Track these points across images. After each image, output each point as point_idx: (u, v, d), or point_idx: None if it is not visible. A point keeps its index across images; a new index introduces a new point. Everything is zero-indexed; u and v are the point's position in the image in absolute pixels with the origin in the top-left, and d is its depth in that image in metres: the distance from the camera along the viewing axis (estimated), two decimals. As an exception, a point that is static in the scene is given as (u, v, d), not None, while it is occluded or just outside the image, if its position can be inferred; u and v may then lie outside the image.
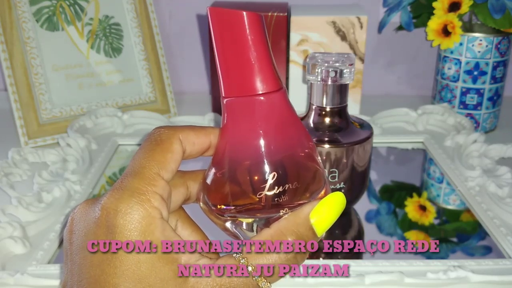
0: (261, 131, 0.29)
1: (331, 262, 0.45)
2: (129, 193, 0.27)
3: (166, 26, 0.89)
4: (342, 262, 0.45)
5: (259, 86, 0.29)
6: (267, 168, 0.29)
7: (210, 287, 0.27)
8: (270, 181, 0.29)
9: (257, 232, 0.31)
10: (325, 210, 0.29)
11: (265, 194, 0.29)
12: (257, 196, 0.29)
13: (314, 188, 0.31)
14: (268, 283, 0.28)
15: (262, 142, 0.29)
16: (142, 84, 0.79)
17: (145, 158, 0.29)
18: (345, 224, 0.54)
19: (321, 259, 0.49)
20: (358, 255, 0.51)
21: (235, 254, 0.28)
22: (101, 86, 0.76)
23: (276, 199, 0.29)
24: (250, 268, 0.27)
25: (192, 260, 0.28)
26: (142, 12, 0.78)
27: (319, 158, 0.31)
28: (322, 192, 0.31)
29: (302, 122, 0.31)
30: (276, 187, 0.29)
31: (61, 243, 0.49)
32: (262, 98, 0.29)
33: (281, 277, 0.28)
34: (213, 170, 0.31)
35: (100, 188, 0.60)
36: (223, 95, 0.30)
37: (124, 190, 0.27)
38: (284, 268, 0.28)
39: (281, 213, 0.30)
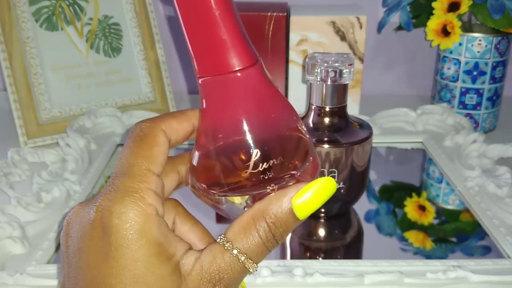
0: (240, 108, 0.29)
1: (331, 262, 0.45)
2: (122, 193, 0.27)
3: (166, 26, 0.89)
4: (342, 261, 0.45)
5: (234, 63, 0.28)
6: (250, 145, 0.29)
7: (199, 276, 0.27)
8: (254, 158, 0.29)
9: (246, 204, 0.31)
10: (309, 195, 0.28)
11: (251, 172, 0.29)
12: (243, 174, 0.29)
13: (300, 158, 0.30)
14: (255, 264, 0.28)
15: (243, 119, 0.29)
16: (142, 84, 0.78)
17: (132, 156, 0.28)
18: (344, 224, 0.54)
19: (320, 258, 0.49)
20: (357, 255, 0.51)
21: (219, 239, 0.28)
22: (101, 86, 0.76)
23: (262, 176, 0.29)
24: (235, 251, 0.28)
25: (183, 253, 0.28)
26: (142, 12, 0.78)
27: (304, 128, 0.31)
28: (310, 162, 0.30)
29: (283, 95, 0.31)
30: (261, 164, 0.29)
31: (58, 245, 0.49)
32: (238, 74, 0.28)
33: (265, 256, 0.29)
34: (197, 153, 0.31)
35: (99, 188, 0.60)
36: (198, 75, 0.29)
37: (117, 191, 0.27)
38: (266, 248, 0.28)
39: (268, 190, 0.29)
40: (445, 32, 0.71)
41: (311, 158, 0.30)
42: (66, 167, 0.60)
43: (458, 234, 0.53)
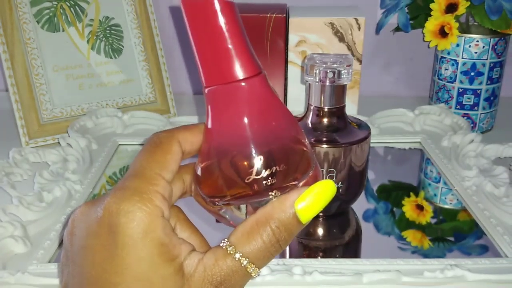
0: (245, 117, 0.29)
1: (330, 261, 0.46)
2: (130, 193, 0.27)
3: (166, 27, 0.89)
4: (340, 260, 0.46)
5: (239, 72, 0.29)
6: (254, 152, 0.29)
7: (202, 277, 0.27)
8: (257, 165, 0.29)
9: (246, 210, 0.31)
10: (311, 198, 0.29)
11: (254, 178, 0.29)
12: (246, 181, 0.29)
13: (302, 169, 0.30)
14: (257, 268, 0.28)
15: (246, 127, 0.29)
16: (142, 85, 0.79)
17: (145, 159, 0.29)
18: (343, 224, 0.55)
19: (319, 258, 0.49)
20: (356, 254, 0.51)
21: (223, 244, 0.29)
22: (102, 87, 0.76)
23: (265, 182, 0.29)
24: (238, 255, 0.28)
25: (186, 254, 0.28)
26: (142, 13, 0.79)
27: (306, 139, 0.31)
28: (311, 173, 0.31)
29: (286, 106, 0.31)
30: (264, 171, 0.29)
31: (61, 243, 0.49)
32: (243, 83, 0.29)
33: (268, 261, 0.29)
34: (202, 162, 0.31)
35: (100, 187, 0.60)
36: (204, 85, 0.30)
37: (126, 190, 0.28)
38: (270, 252, 0.29)
39: (271, 196, 0.30)
40: (443, 33, 0.72)
41: (312, 167, 0.31)
42: (67, 167, 0.61)
43: (455, 233, 0.54)
